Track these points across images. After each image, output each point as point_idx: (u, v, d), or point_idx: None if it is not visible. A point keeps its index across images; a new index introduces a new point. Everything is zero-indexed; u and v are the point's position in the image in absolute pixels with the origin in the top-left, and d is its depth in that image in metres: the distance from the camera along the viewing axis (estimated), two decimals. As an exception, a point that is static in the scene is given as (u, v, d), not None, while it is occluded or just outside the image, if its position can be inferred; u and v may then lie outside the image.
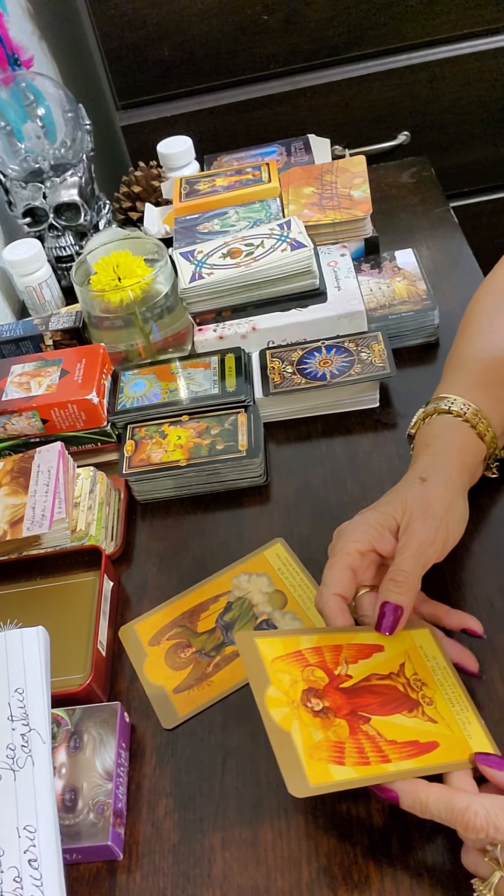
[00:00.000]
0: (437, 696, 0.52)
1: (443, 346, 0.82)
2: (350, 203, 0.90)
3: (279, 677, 0.49)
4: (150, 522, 0.73)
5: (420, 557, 0.54)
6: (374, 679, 0.52)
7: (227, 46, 1.18)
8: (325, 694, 0.50)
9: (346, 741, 0.47)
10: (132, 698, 0.60)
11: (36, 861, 0.46)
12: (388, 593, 0.53)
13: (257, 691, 0.48)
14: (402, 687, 0.52)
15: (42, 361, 0.80)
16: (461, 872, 0.46)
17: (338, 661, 0.52)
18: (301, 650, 0.52)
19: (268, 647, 0.51)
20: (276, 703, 0.48)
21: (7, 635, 0.52)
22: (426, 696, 0.52)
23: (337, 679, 0.51)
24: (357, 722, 0.49)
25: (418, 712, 0.51)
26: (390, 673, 0.53)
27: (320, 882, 0.48)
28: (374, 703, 0.50)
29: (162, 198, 1.06)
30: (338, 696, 0.50)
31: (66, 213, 0.98)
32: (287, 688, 0.49)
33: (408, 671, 0.53)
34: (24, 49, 1.05)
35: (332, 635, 0.54)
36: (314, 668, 0.51)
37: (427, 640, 0.55)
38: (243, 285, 0.79)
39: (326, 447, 0.75)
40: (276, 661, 0.50)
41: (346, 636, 0.54)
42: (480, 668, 0.55)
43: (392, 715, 0.50)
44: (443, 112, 1.25)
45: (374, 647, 0.54)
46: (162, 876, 0.50)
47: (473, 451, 0.61)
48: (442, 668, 0.54)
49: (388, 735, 0.48)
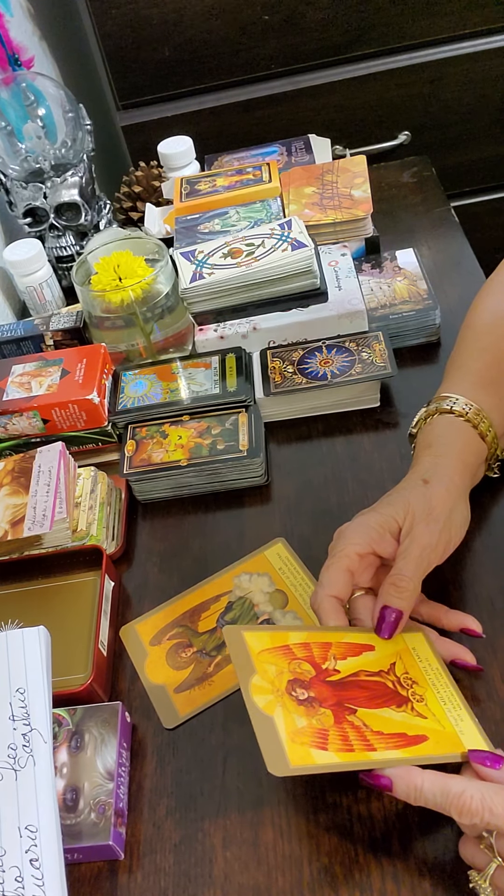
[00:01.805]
0: (428, 694, 0.51)
1: (444, 345, 0.82)
2: (351, 203, 0.90)
3: (265, 668, 0.49)
4: (151, 522, 0.73)
5: (422, 563, 0.54)
6: (363, 675, 0.51)
7: (227, 46, 1.18)
8: (311, 685, 0.49)
9: (331, 729, 0.47)
10: (133, 698, 0.60)
11: (37, 861, 0.46)
12: (389, 598, 0.53)
13: (242, 679, 0.47)
14: (392, 684, 0.51)
15: (43, 361, 0.80)
16: (462, 873, 0.46)
17: (326, 657, 0.52)
18: (289, 644, 0.51)
19: (255, 640, 0.51)
20: (261, 690, 0.47)
21: (8, 635, 0.52)
22: (416, 694, 0.51)
23: (324, 673, 0.51)
24: (343, 712, 0.48)
25: (407, 708, 0.50)
26: (380, 670, 0.52)
27: (321, 881, 0.48)
28: (362, 696, 0.50)
29: (162, 198, 1.06)
30: (324, 688, 0.49)
31: (66, 213, 0.98)
32: (272, 678, 0.48)
33: (398, 670, 0.52)
34: (24, 49, 1.05)
35: (322, 633, 0.53)
36: (301, 661, 0.51)
37: (420, 644, 0.55)
38: (244, 285, 0.79)
39: (327, 447, 0.75)
40: (263, 653, 0.50)
41: (337, 635, 0.53)
42: (478, 663, 0.55)
43: (380, 708, 0.49)
44: (443, 112, 1.25)
45: (365, 646, 0.53)
46: (163, 875, 0.50)
47: (475, 451, 0.61)
48: (435, 669, 0.53)
49: (374, 726, 0.48)
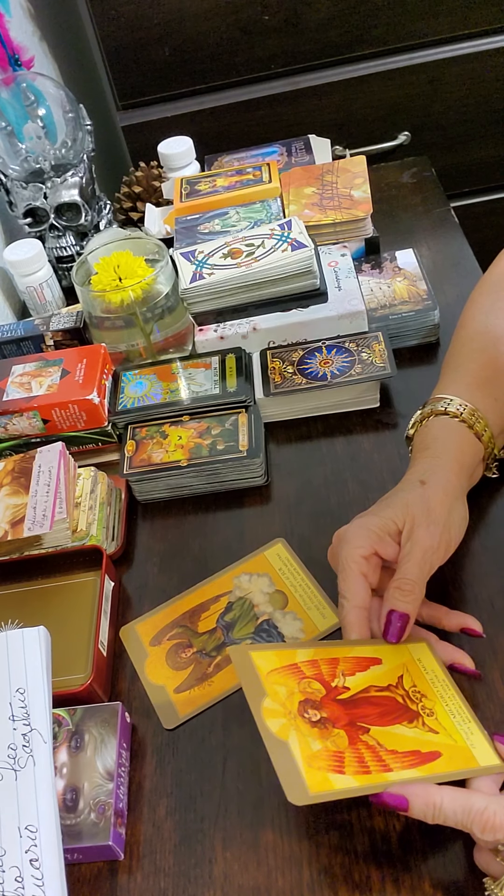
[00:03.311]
0: (438, 708, 0.51)
1: (443, 346, 0.82)
2: (351, 203, 0.90)
3: (275, 689, 0.48)
4: (151, 522, 0.73)
5: (425, 565, 0.54)
6: (373, 691, 0.51)
7: (227, 47, 1.18)
8: (323, 705, 0.49)
9: (346, 750, 0.46)
10: (133, 698, 0.60)
11: (37, 861, 0.46)
12: (395, 601, 0.53)
13: (253, 703, 0.47)
14: (401, 699, 0.51)
15: (43, 362, 0.80)
16: (462, 874, 0.46)
17: (335, 674, 0.51)
18: (297, 663, 0.51)
19: (263, 660, 0.50)
20: (273, 713, 0.47)
21: (8, 635, 0.52)
22: (426, 708, 0.51)
23: (334, 691, 0.50)
24: (356, 732, 0.48)
25: (418, 723, 0.50)
26: (389, 685, 0.52)
27: (321, 882, 0.48)
28: (373, 713, 0.50)
29: (162, 198, 1.06)
30: (335, 707, 0.49)
31: (66, 214, 0.98)
32: (283, 699, 0.48)
33: (406, 683, 0.52)
34: (24, 49, 1.05)
35: (329, 649, 0.53)
36: (310, 679, 0.50)
37: (425, 654, 0.55)
38: (244, 285, 0.79)
39: (327, 447, 0.75)
40: (272, 673, 0.49)
41: (343, 650, 0.53)
42: (478, 668, 0.55)
43: (392, 725, 0.49)
44: (443, 112, 1.25)
45: (372, 660, 0.53)
46: (163, 876, 0.50)
47: (471, 451, 0.61)
48: (441, 680, 0.53)
49: (388, 745, 0.47)
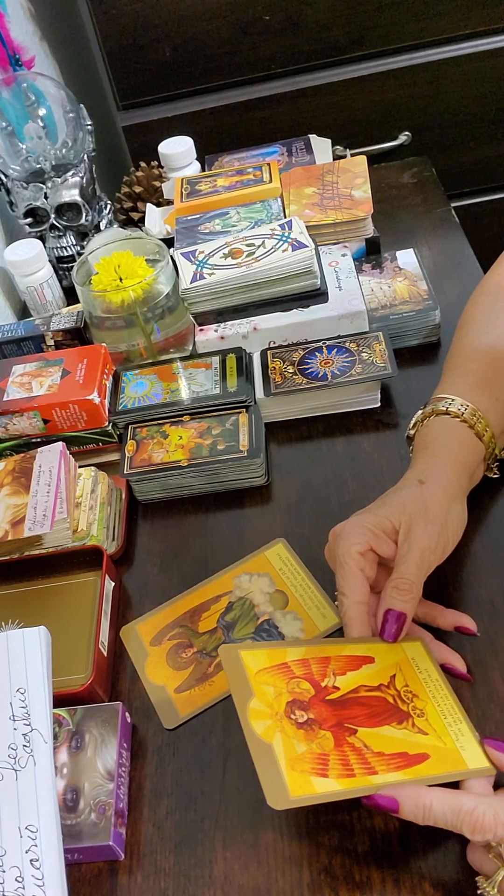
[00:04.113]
0: (429, 708, 0.51)
1: (444, 346, 0.82)
2: (351, 203, 0.90)
3: (263, 689, 0.48)
4: (152, 522, 0.73)
5: (423, 565, 0.54)
6: (363, 691, 0.51)
7: (228, 47, 1.18)
8: (311, 706, 0.48)
9: (331, 753, 0.46)
10: (133, 698, 0.60)
11: (38, 861, 0.46)
12: (392, 601, 0.53)
13: (239, 704, 0.46)
14: (392, 698, 0.51)
15: (43, 361, 0.80)
16: (462, 874, 0.46)
17: (325, 673, 0.51)
18: (287, 662, 0.51)
19: (252, 659, 0.50)
20: (259, 715, 0.46)
21: (9, 635, 0.52)
22: (417, 708, 0.50)
23: (323, 691, 0.50)
24: (343, 734, 0.47)
25: (408, 724, 0.49)
26: (380, 685, 0.51)
27: (321, 882, 0.48)
28: (362, 714, 0.49)
29: (163, 198, 1.06)
30: (323, 708, 0.49)
31: (67, 214, 0.98)
32: (271, 700, 0.47)
33: (398, 683, 0.52)
34: (25, 49, 1.05)
35: (321, 647, 0.53)
36: (300, 679, 0.50)
37: (419, 653, 0.55)
38: (244, 285, 0.79)
39: (327, 447, 0.75)
40: (261, 673, 0.49)
41: (336, 648, 0.53)
42: (478, 669, 0.55)
43: (380, 727, 0.49)
44: (444, 112, 1.25)
45: (365, 658, 0.53)
46: (163, 876, 0.50)
47: (472, 451, 0.61)
48: (434, 680, 0.53)
49: (375, 747, 0.47)
